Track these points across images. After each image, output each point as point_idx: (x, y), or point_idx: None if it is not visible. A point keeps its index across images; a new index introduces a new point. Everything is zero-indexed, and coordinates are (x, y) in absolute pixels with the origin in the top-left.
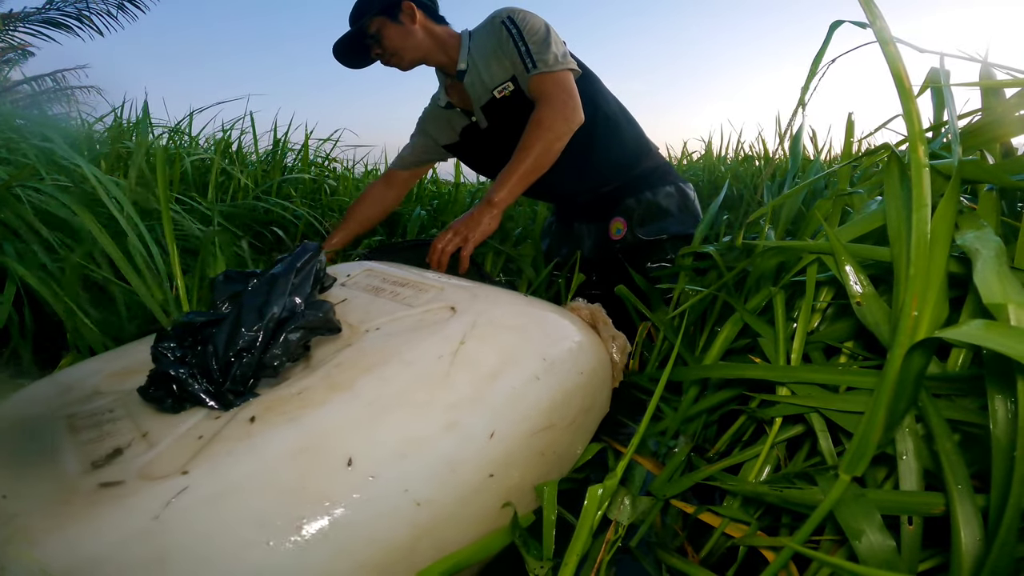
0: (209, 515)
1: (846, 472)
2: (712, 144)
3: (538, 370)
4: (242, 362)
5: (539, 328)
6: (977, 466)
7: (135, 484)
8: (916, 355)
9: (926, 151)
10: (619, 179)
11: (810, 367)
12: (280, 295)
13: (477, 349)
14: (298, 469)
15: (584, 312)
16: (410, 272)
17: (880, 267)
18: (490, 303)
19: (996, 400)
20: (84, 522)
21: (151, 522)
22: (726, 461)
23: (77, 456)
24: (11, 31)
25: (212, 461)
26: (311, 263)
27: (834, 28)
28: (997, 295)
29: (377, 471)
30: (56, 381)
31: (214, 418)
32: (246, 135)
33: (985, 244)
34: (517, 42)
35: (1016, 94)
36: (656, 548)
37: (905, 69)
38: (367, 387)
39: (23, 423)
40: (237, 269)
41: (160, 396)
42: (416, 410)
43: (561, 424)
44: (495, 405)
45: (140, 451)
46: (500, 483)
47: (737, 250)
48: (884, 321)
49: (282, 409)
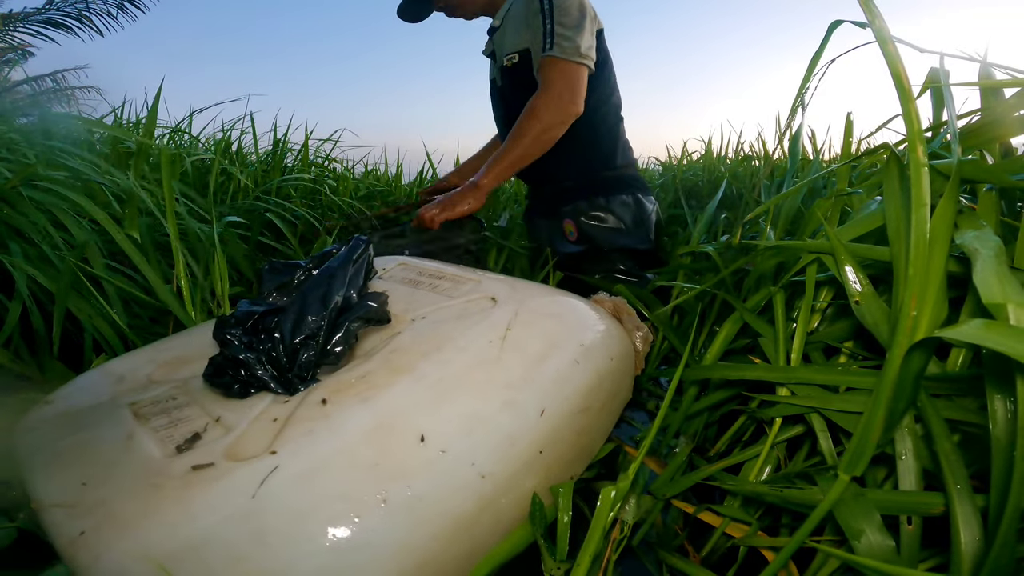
0: (301, 492)
1: (845, 472)
2: (712, 144)
3: (577, 354)
4: (308, 349)
5: (574, 316)
6: (976, 466)
7: (226, 465)
8: (915, 355)
9: (925, 151)
10: (581, 178)
11: (811, 367)
12: (340, 286)
13: (523, 335)
14: (376, 446)
15: (608, 304)
16: (444, 266)
17: (879, 267)
18: (528, 294)
19: (995, 400)
20: (181, 505)
21: (248, 501)
22: (726, 461)
23: (154, 441)
24: (11, 31)
25: (296, 441)
26: (363, 256)
27: (833, 28)
28: (997, 295)
29: (447, 446)
30: (107, 371)
31: (282, 402)
32: (246, 135)
33: (985, 244)
34: (546, 18)
35: (1016, 94)
36: (657, 548)
37: (904, 69)
38: (429, 369)
39: (84, 412)
40: (282, 261)
41: (227, 382)
42: (476, 389)
43: (595, 407)
44: (544, 385)
45: (219, 435)
46: (546, 459)
47: (735, 250)
48: (883, 321)
49: (351, 391)
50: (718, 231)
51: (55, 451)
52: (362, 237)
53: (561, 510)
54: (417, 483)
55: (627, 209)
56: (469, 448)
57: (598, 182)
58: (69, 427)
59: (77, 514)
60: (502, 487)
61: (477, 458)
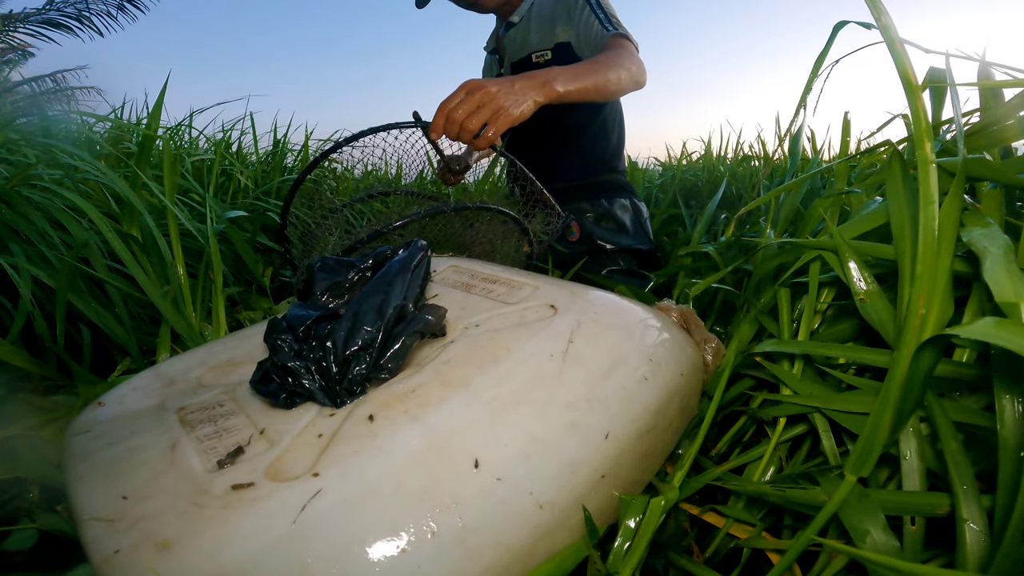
0: (345, 520)
1: (852, 472)
2: (712, 144)
3: (646, 371)
4: (360, 361)
5: (642, 328)
6: (980, 466)
7: (267, 487)
8: (924, 354)
9: (933, 147)
10: (583, 179)
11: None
12: (398, 295)
13: (587, 348)
14: (426, 471)
15: (675, 313)
16: (497, 269)
17: (882, 266)
18: (590, 301)
19: (1004, 400)
20: (221, 528)
21: (290, 527)
22: (731, 462)
23: (198, 454)
24: (11, 32)
25: (341, 462)
26: (422, 263)
27: (838, 29)
28: (1009, 293)
29: (504, 473)
30: (160, 373)
31: (328, 415)
32: (246, 136)
33: (993, 241)
34: (594, 8)
35: (1017, 95)
36: (666, 549)
37: (912, 67)
38: (484, 385)
39: (133, 417)
40: (334, 257)
41: (274, 390)
42: (536, 409)
43: (662, 425)
44: (609, 405)
45: (262, 449)
46: (609, 485)
47: (735, 249)
48: (888, 319)
49: (400, 407)
50: (718, 232)
51: (101, 459)
52: (421, 242)
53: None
54: (469, 513)
55: (626, 212)
56: (527, 475)
57: (599, 185)
58: (117, 433)
59: (115, 530)
60: (560, 517)
61: (536, 486)
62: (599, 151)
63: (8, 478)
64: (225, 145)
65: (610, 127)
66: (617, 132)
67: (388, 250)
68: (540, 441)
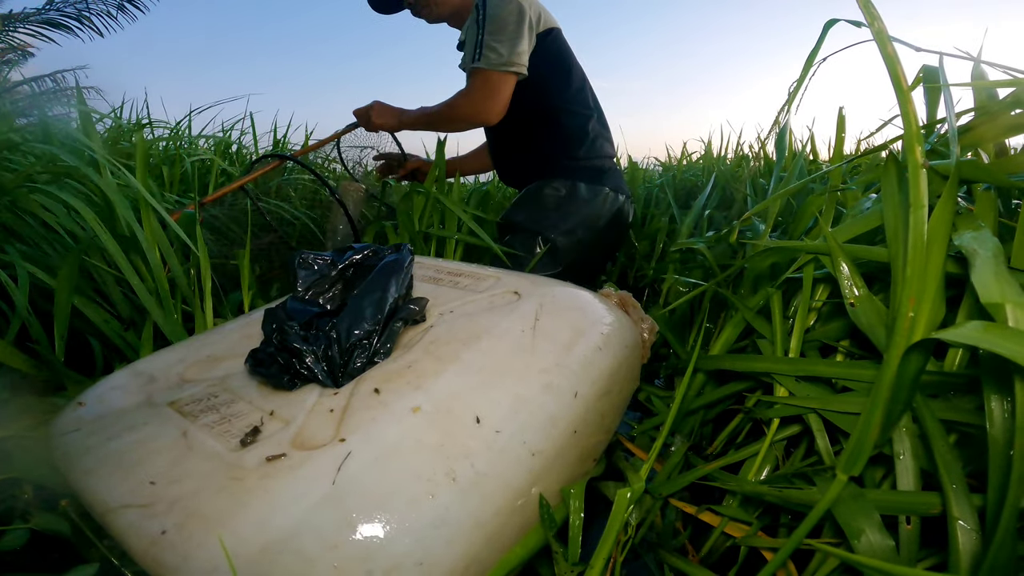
0: (378, 475)
1: (844, 471)
2: (712, 144)
3: (600, 343)
4: (363, 349)
5: (592, 308)
6: (973, 465)
7: (299, 455)
8: (913, 356)
9: (923, 152)
10: (543, 163)
11: (814, 360)
12: (394, 292)
13: (551, 324)
14: (438, 428)
15: (615, 297)
16: (461, 264)
17: (877, 266)
18: (547, 288)
19: (993, 400)
20: (265, 496)
21: (330, 488)
22: (723, 460)
23: (212, 437)
24: (11, 32)
25: (362, 428)
26: (411, 265)
27: (828, 27)
28: (995, 295)
29: (500, 426)
30: (136, 371)
31: (332, 395)
32: (246, 136)
33: (983, 244)
34: (480, 29)
35: (1011, 93)
36: (657, 548)
37: (902, 69)
38: (471, 357)
39: (124, 413)
40: (312, 252)
41: (275, 373)
42: (517, 374)
43: (615, 390)
44: (575, 370)
45: (279, 427)
46: (579, 439)
47: (725, 243)
48: (879, 323)
49: (402, 380)
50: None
51: (107, 452)
52: (409, 247)
53: (573, 513)
54: (479, 461)
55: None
56: (519, 428)
57: (557, 168)
58: (112, 428)
59: (154, 513)
60: (549, 463)
61: (527, 437)
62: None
63: (2, 479)
64: (225, 145)
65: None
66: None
67: (370, 249)
68: (525, 399)
